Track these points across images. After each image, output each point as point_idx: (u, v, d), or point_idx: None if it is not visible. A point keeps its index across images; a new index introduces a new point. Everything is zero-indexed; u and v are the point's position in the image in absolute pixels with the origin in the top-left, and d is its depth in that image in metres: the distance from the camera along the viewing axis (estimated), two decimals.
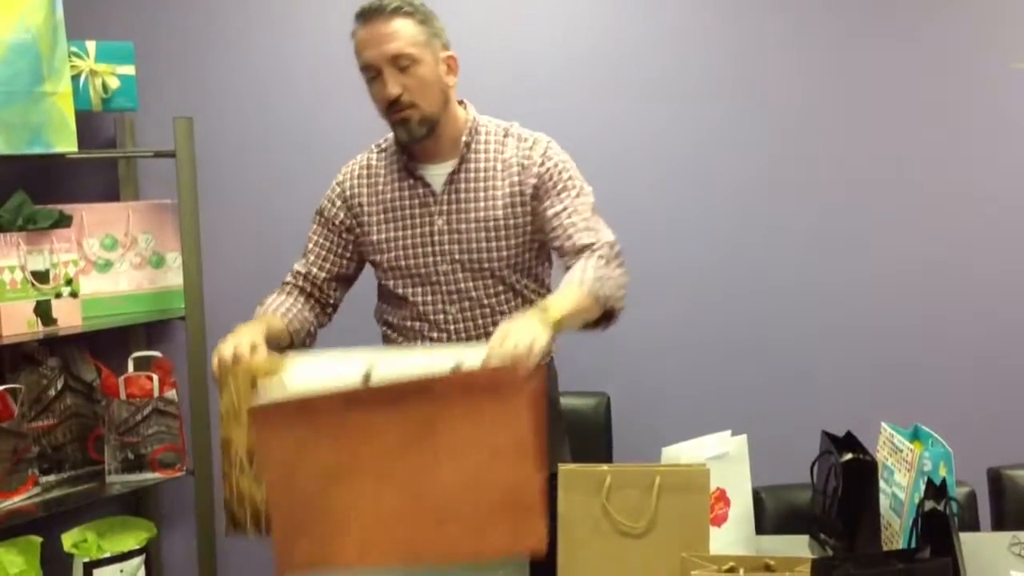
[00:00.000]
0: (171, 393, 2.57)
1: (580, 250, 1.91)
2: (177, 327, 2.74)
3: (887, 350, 2.94)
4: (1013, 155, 2.91)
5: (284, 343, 1.98)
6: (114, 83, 2.52)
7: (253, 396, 1.73)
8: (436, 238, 2.01)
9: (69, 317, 2.44)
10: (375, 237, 2.06)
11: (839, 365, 2.93)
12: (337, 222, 2.09)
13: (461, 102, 2.07)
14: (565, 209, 1.96)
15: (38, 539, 2.42)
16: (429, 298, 2.03)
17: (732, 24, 2.84)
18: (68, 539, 2.46)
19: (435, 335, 2.05)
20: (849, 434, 1.91)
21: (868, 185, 2.89)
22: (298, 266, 2.13)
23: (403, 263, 2.04)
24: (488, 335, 1.89)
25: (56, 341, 2.53)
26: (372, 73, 1.93)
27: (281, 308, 2.04)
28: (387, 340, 2.14)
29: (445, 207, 2.02)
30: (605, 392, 2.67)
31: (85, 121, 2.55)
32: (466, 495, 1.57)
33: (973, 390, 2.94)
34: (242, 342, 1.76)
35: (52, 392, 2.52)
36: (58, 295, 2.42)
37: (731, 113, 2.86)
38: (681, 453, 1.81)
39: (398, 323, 2.09)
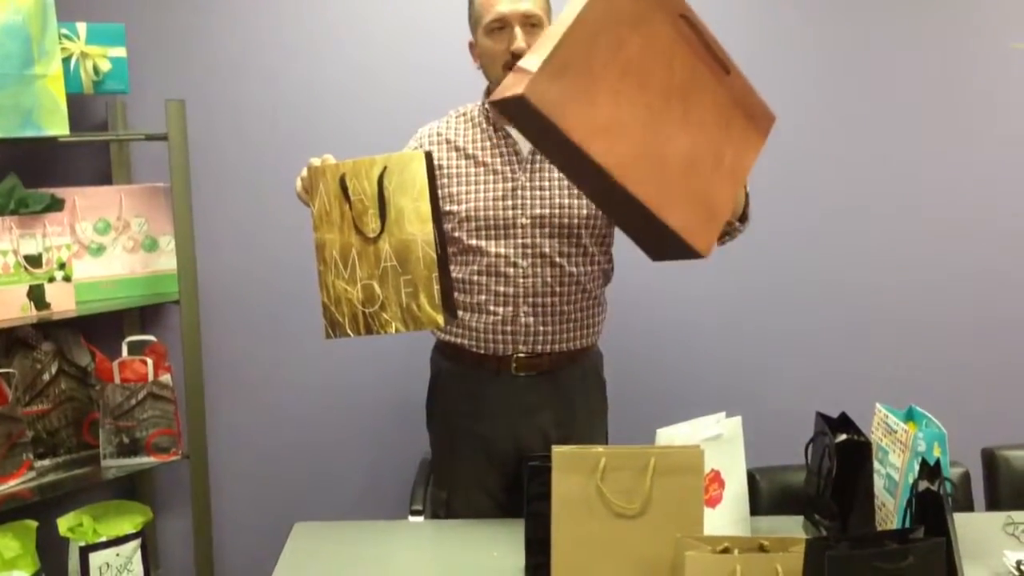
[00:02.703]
0: (166, 377, 2.56)
1: None
2: (171, 311, 2.74)
3: (881, 331, 2.94)
4: (1011, 137, 2.90)
5: None
6: (105, 65, 2.50)
7: (343, 197, 1.82)
8: (519, 192, 2.07)
9: (63, 301, 2.43)
10: (455, 188, 2.09)
11: (833, 346, 2.94)
12: None
13: None
14: None
15: (34, 523, 2.42)
16: (503, 250, 2.07)
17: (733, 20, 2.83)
18: (64, 523, 2.46)
19: (501, 289, 2.08)
20: (843, 415, 1.91)
21: (865, 170, 2.89)
22: None
23: (482, 213, 2.07)
24: (554, 294, 2.06)
25: (50, 325, 2.52)
26: (500, 24, 1.99)
27: None
28: None
29: (530, 165, 2.08)
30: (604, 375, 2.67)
31: (76, 104, 2.53)
32: (685, 169, 1.72)
33: (967, 371, 2.95)
34: (328, 156, 1.86)
35: (46, 377, 2.51)
36: (51, 279, 2.41)
37: None
38: (676, 435, 1.81)
39: (464, 277, 2.10)
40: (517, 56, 1.96)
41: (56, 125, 2.35)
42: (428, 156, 1.81)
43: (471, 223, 2.07)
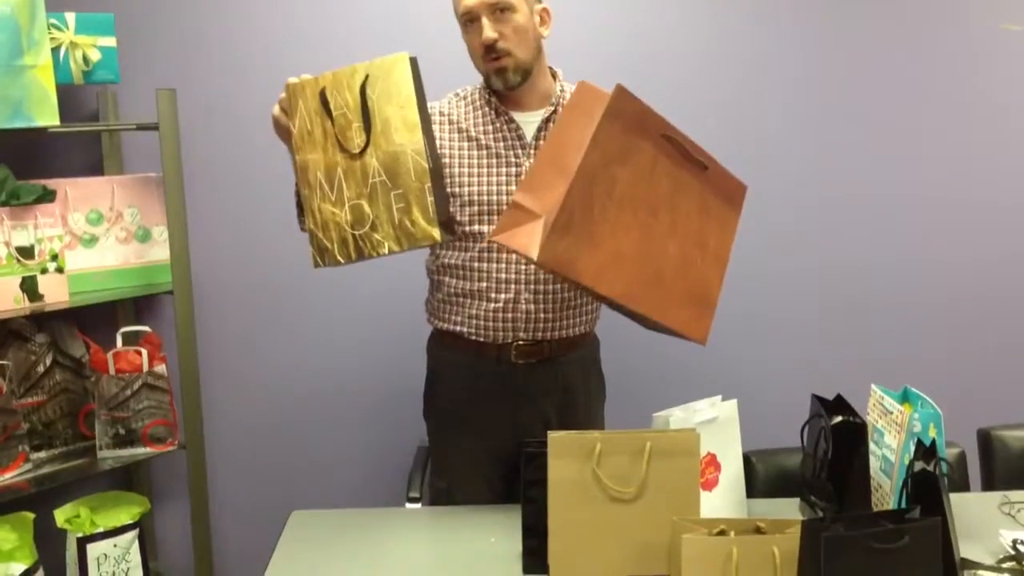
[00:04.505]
0: (160, 367, 2.56)
1: None
2: (165, 301, 2.73)
3: (877, 313, 2.94)
4: (1004, 119, 2.90)
5: None
6: (95, 55, 2.48)
7: (324, 113, 1.74)
8: (522, 178, 2.02)
9: (56, 293, 2.42)
10: (457, 171, 2.06)
11: (829, 328, 2.94)
12: None
13: (551, 68, 2.11)
14: None
15: (31, 515, 2.42)
16: None
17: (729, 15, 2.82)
18: (61, 515, 2.46)
19: (502, 276, 2.06)
20: (839, 397, 1.91)
21: (860, 154, 2.89)
22: None
23: (485, 198, 2.05)
24: (554, 280, 2.05)
25: (43, 317, 2.51)
26: (470, 18, 1.97)
27: None
28: (441, 287, 2.14)
29: (533, 151, 2.05)
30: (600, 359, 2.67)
31: (66, 94, 2.52)
32: (679, 272, 1.82)
33: (963, 352, 2.95)
34: (308, 75, 1.82)
35: (41, 368, 2.51)
36: (44, 271, 2.40)
37: (728, 103, 2.85)
38: (671, 418, 1.81)
39: (464, 263, 2.08)
40: (488, 47, 1.96)
41: (46, 116, 2.34)
42: (413, 60, 1.73)
43: (473, 207, 2.05)
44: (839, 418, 1.86)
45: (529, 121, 2.07)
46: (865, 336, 2.94)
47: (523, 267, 2.05)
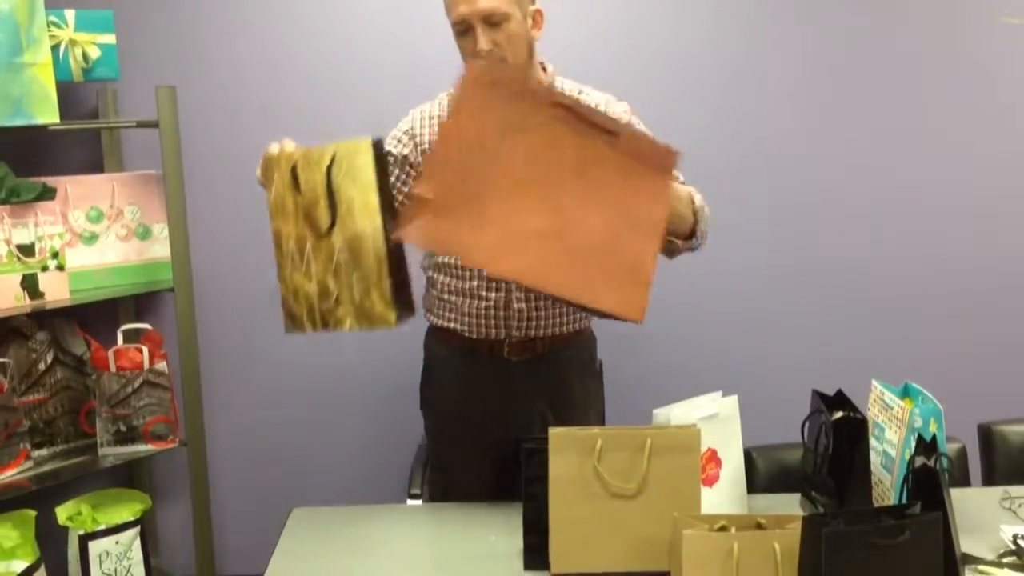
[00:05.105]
0: (161, 365, 2.56)
1: None
2: (166, 299, 2.73)
3: (877, 308, 2.94)
4: (1005, 112, 2.90)
5: None
6: (94, 52, 2.48)
7: (294, 188, 1.76)
8: None
9: (56, 290, 2.42)
10: None
11: (829, 324, 2.94)
12: (401, 157, 2.09)
13: (541, 63, 2.09)
14: None
15: (32, 512, 2.42)
16: None
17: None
18: (63, 512, 2.46)
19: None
20: (840, 393, 1.91)
21: (861, 149, 2.89)
22: None
23: None
24: None
25: (44, 315, 2.51)
26: (463, 27, 1.94)
27: None
28: (435, 284, 2.15)
29: None
30: (597, 356, 2.67)
31: (66, 92, 2.51)
32: (600, 246, 1.68)
33: (963, 347, 2.95)
34: (288, 141, 1.82)
35: (42, 366, 2.51)
36: (44, 268, 2.40)
37: (725, 98, 2.85)
38: (672, 414, 1.81)
39: (453, 262, 2.08)
40: (481, 58, 1.93)
41: (46, 113, 2.34)
42: (377, 144, 1.75)
43: None
44: (840, 413, 1.86)
45: None
46: (866, 331, 2.94)
47: None
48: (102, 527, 2.47)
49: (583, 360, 2.23)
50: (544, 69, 2.10)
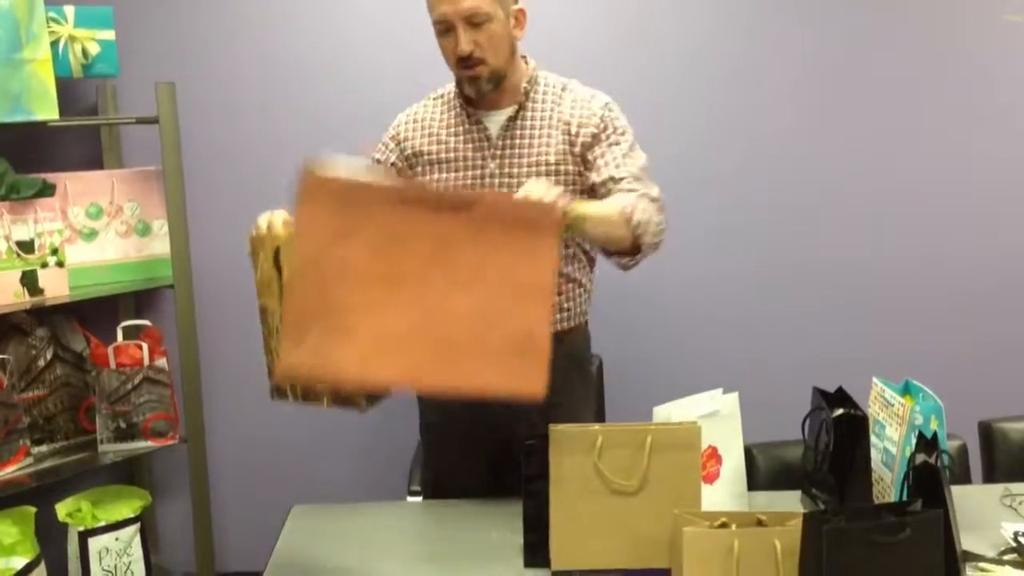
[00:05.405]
0: (161, 361, 2.56)
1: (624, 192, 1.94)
2: (165, 295, 2.73)
3: (878, 306, 2.94)
4: (1007, 111, 2.89)
5: None
6: (94, 49, 2.48)
7: (277, 269, 1.72)
8: (488, 180, 2.02)
9: (56, 287, 2.42)
10: (429, 177, 2.06)
11: (830, 323, 2.94)
12: (388, 164, 2.10)
13: (523, 56, 2.08)
14: (615, 158, 1.97)
15: (32, 509, 2.42)
16: None
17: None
18: (62, 509, 2.46)
19: None
20: (840, 390, 1.91)
21: (861, 148, 2.89)
22: None
23: None
24: None
25: (44, 311, 2.51)
26: (444, 27, 1.93)
27: None
28: None
29: (499, 151, 2.03)
30: (597, 354, 2.66)
31: (66, 88, 2.51)
32: (479, 328, 1.58)
33: (964, 344, 2.95)
34: (276, 215, 1.78)
35: (41, 362, 2.51)
36: (44, 265, 2.40)
37: (725, 98, 2.85)
38: (673, 412, 1.81)
39: None
40: (462, 59, 1.93)
41: (45, 109, 2.34)
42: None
43: None
44: (840, 411, 1.86)
45: (496, 119, 2.04)
46: (866, 330, 2.94)
47: None
48: (102, 524, 2.47)
49: (574, 358, 2.21)
50: (526, 62, 2.09)
